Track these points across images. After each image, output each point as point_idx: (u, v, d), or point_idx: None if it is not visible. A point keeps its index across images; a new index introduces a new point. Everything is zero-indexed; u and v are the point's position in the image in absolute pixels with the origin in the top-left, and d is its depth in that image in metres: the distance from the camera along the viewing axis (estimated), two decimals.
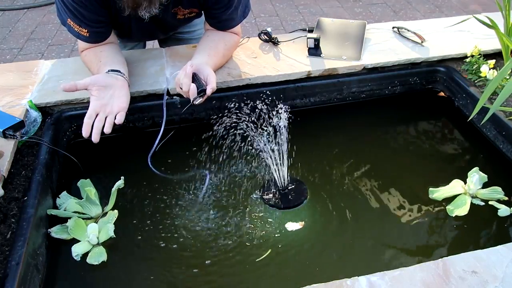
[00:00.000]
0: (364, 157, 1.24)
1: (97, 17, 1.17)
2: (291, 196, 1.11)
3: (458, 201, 1.07)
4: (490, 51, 1.44)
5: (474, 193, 1.08)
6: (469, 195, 1.08)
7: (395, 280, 0.79)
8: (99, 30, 1.20)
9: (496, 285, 0.78)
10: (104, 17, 1.19)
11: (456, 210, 1.04)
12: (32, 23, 3.75)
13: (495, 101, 0.83)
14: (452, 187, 1.11)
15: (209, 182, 1.14)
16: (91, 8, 1.14)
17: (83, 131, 1.07)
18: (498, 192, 1.08)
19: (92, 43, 1.24)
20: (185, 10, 1.26)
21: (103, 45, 1.26)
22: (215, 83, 1.12)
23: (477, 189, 1.08)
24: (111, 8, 1.18)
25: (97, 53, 1.24)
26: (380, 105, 1.44)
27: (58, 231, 1.00)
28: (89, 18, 1.16)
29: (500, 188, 1.08)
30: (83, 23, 1.17)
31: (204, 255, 0.98)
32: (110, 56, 1.24)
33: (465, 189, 1.09)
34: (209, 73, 1.14)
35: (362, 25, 1.54)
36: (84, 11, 1.14)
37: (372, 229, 1.04)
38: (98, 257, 0.95)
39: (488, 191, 1.09)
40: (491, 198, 1.07)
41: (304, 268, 0.95)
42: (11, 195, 0.99)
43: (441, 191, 1.10)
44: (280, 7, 3.96)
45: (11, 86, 1.29)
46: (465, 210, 1.04)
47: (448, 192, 1.09)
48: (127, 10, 1.09)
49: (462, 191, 1.09)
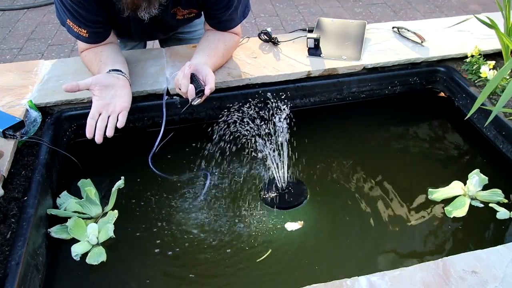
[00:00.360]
0: (364, 157, 1.24)
1: (96, 17, 1.17)
2: (291, 196, 1.11)
3: (457, 202, 1.07)
4: (490, 51, 1.44)
5: (473, 194, 1.08)
6: (469, 197, 1.08)
7: (395, 280, 0.79)
8: (98, 31, 1.20)
9: (496, 285, 0.78)
10: (103, 17, 1.19)
11: (455, 211, 1.04)
12: (32, 23, 3.75)
13: (498, 102, 0.83)
14: (451, 188, 1.11)
15: (209, 182, 1.14)
16: (89, 8, 1.14)
17: (87, 132, 1.07)
18: (498, 194, 1.08)
19: (92, 43, 1.24)
20: (184, 10, 1.26)
21: (103, 45, 1.26)
22: (213, 83, 1.12)
23: (477, 191, 1.08)
24: (110, 9, 1.17)
25: (97, 53, 1.24)
26: (380, 105, 1.44)
27: (58, 231, 1.00)
28: (88, 18, 1.16)
29: (500, 191, 1.08)
30: (82, 24, 1.17)
31: (204, 255, 0.98)
32: (111, 56, 1.24)
33: (464, 190, 1.09)
34: (207, 73, 1.14)
35: (362, 25, 1.54)
36: (82, 11, 1.14)
37: (372, 229, 1.04)
38: (97, 257, 0.95)
39: (488, 193, 1.08)
40: (490, 200, 1.07)
41: (304, 268, 0.95)
42: (11, 195, 0.99)
43: (441, 192, 1.10)
44: (280, 7, 3.96)
45: (11, 86, 1.29)
46: (464, 212, 1.04)
47: (447, 193, 1.09)
48: (126, 11, 1.09)
49: (461, 193, 1.09)
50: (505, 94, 0.80)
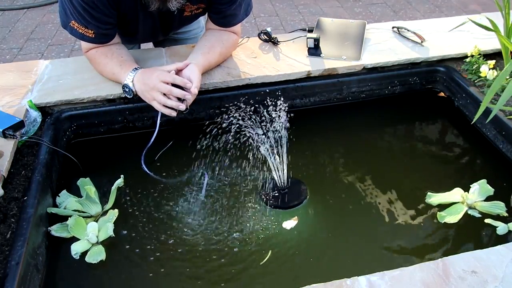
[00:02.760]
0: (364, 157, 1.24)
1: (106, 18, 1.17)
2: (291, 196, 1.11)
3: (452, 209, 1.05)
4: (490, 51, 1.44)
5: (472, 203, 1.06)
6: (467, 205, 1.06)
7: (395, 280, 0.79)
8: (105, 32, 1.21)
9: (496, 285, 0.78)
10: (113, 18, 1.19)
11: (447, 217, 1.03)
12: (32, 23, 3.75)
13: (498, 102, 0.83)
14: (451, 194, 1.09)
15: (207, 182, 1.14)
16: (101, 9, 1.14)
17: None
18: (500, 207, 1.04)
19: (97, 43, 1.24)
20: (193, 6, 1.27)
21: (114, 44, 1.26)
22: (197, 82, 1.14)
23: (476, 201, 1.06)
24: (120, 9, 1.18)
25: (113, 50, 1.25)
26: (380, 105, 1.44)
27: (58, 230, 1.01)
28: (98, 19, 1.16)
29: (503, 204, 1.04)
30: (90, 24, 1.16)
31: (204, 254, 0.98)
32: (129, 53, 1.27)
33: (463, 198, 1.07)
34: (190, 74, 1.16)
35: (362, 25, 1.54)
36: (94, 12, 1.14)
37: (372, 229, 1.04)
38: (96, 256, 0.96)
39: (489, 204, 1.05)
40: (490, 211, 1.04)
41: (303, 268, 0.95)
42: (11, 195, 0.99)
43: (439, 197, 1.08)
44: (280, 7, 3.96)
45: (11, 86, 1.29)
46: (456, 219, 1.02)
47: (445, 199, 1.08)
48: (155, 3, 1.10)
49: (460, 200, 1.07)
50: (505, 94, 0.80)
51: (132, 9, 1.20)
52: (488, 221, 1.02)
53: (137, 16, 1.23)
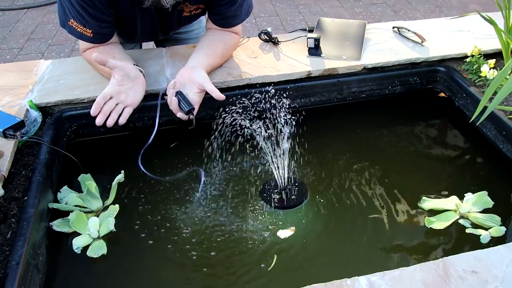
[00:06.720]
0: (364, 157, 1.24)
1: (105, 17, 1.17)
2: (291, 196, 1.11)
3: (443, 216, 1.03)
4: (490, 51, 1.44)
5: (465, 213, 1.04)
6: (459, 214, 1.04)
7: (395, 280, 0.79)
8: (104, 31, 1.20)
9: (496, 285, 0.78)
10: (111, 17, 1.19)
11: (435, 223, 1.01)
12: (32, 23, 3.75)
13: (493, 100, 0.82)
14: (446, 201, 1.07)
15: (204, 180, 1.14)
16: (99, 7, 1.14)
17: (92, 110, 1.11)
18: (495, 221, 1.01)
19: (96, 43, 1.24)
20: (192, 6, 1.26)
21: (110, 44, 1.26)
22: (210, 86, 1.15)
23: (471, 211, 1.04)
24: (117, 7, 1.18)
25: (108, 50, 1.24)
26: (380, 105, 1.44)
27: (59, 225, 1.02)
28: (96, 17, 1.16)
29: (498, 218, 1.01)
30: (88, 23, 1.17)
31: (203, 251, 0.98)
32: (123, 53, 1.26)
33: (457, 207, 1.05)
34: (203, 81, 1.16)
35: (362, 25, 1.54)
36: (92, 10, 1.14)
37: (372, 229, 1.04)
38: (98, 250, 0.96)
39: (483, 216, 1.03)
40: (483, 224, 1.01)
41: (303, 268, 0.95)
42: (11, 195, 0.99)
43: (432, 202, 1.07)
44: (280, 7, 3.96)
45: (11, 86, 1.29)
46: (443, 226, 1.00)
47: (438, 206, 1.06)
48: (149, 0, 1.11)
49: (453, 208, 1.05)
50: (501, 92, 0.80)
51: (129, 7, 1.20)
52: (470, 231, 0.99)
53: (135, 14, 1.23)
